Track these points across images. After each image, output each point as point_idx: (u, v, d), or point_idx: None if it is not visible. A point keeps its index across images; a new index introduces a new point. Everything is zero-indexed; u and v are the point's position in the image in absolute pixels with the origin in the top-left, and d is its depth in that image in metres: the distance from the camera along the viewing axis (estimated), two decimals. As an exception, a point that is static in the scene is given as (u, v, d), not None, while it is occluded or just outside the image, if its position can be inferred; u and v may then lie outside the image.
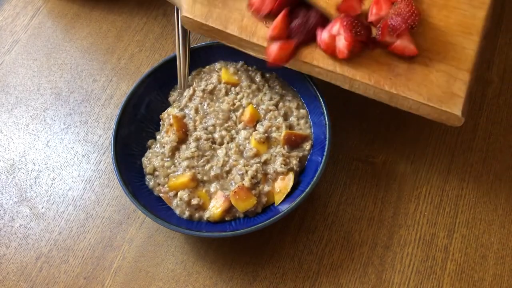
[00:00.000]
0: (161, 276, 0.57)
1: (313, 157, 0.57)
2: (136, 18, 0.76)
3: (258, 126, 0.58)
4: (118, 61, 0.72)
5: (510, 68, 0.67)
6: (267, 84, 0.61)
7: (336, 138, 0.60)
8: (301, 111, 0.60)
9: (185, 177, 0.56)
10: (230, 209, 0.54)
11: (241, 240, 0.58)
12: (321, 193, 0.60)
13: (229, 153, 0.57)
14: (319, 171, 0.53)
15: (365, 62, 0.53)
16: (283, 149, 0.57)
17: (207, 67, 0.63)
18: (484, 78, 0.66)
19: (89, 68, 0.72)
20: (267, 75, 0.62)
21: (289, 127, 0.58)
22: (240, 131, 0.58)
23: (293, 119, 0.59)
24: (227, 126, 0.59)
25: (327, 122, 0.56)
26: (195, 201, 0.55)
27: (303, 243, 0.58)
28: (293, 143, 0.57)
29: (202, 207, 0.55)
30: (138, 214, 0.60)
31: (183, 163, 0.56)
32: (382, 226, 0.58)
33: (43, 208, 0.62)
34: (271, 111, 0.59)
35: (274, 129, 0.58)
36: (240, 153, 0.57)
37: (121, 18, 0.76)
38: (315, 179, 0.53)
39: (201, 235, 0.54)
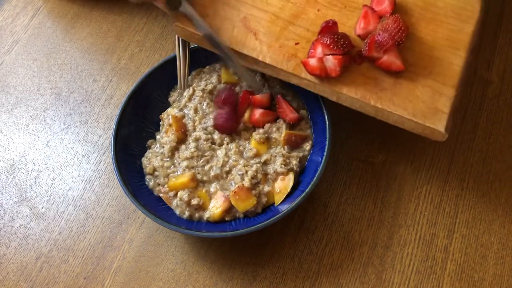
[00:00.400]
0: (161, 276, 0.57)
1: (313, 157, 0.57)
2: (136, 18, 0.76)
3: (258, 126, 0.58)
4: (118, 61, 0.72)
5: (510, 68, 0.67)
6: (267, 84, 0.61)
7: (336, 138, 0.60)
8: (301, 111, 0.60)
9: (185, 177, 0.56)
10: (230, 209, 0.55)
11: (241, 240, 0.58)
12: (321, 193, 0.60)
13: (229, 153, 0.57)
14: (319, 171, 0.53)
15: (352, 76, 0.53)
16: (283, 149, 0.57)
17: (207, 67, 0.63)
18: (484, 78, 0.66)
19: (89, 68, 0.72)
20: (267, 75, 0.62)
21: (289, 127, 0.58)
22: (240, 131, 0.58)
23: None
24: (227, 126, 0.59)
25: (327, 122, 0.56)
26: (195, 201, 0.55)
27: (303, 243, 0.58)
28: (293, 143, 0.57)
29: (202, 207, 0.55)
30: (138, 214, 0.60)
31: (183, 163, 0.56)
32: (382, 226, 0.58)
33: (43, 208, 0.62)
34: (271, 111, 0.59)
35: (274, 129, 0.58)
36: (240, 153, 0.57)
37: (121, 18, 0.76)
38: (315, 179, 0.53)
39: (201, 235, 0.55)
